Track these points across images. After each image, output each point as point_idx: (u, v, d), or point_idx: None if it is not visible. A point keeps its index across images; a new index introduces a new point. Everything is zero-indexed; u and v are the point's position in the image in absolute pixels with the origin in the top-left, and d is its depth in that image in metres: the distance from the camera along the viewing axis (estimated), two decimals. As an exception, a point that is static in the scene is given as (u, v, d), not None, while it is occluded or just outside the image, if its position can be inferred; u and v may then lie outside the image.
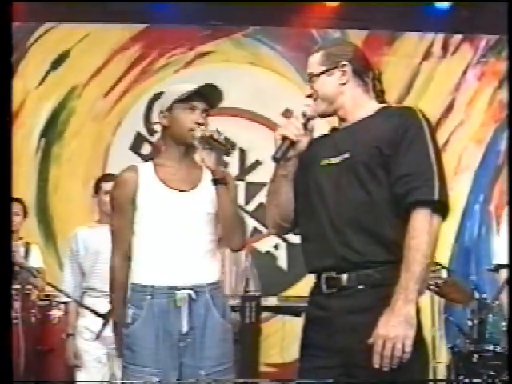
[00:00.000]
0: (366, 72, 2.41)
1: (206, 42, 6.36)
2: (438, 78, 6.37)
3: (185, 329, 2.57)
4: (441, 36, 6.40)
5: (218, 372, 2.59)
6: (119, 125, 6.31)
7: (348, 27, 6.23)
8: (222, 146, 2.63)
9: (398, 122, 2.26)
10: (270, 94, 6.10)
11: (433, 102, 6.30)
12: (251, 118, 6.21)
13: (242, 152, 6.25)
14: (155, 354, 2.57)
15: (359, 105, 2.37)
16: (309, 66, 2.41)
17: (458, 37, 6.39)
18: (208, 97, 2.70)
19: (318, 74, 2.36)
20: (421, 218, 2.17)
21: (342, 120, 2.41)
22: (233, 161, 6.20)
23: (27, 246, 5.01)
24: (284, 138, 2.33)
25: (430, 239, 2.17)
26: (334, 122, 2.46)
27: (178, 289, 2.59)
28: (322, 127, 2.51)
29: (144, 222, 2.66)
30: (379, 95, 2.44)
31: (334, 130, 2.46)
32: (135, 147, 6.27)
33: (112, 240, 2.75)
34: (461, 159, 6.25)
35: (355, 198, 2.25)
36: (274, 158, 2.33)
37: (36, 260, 4.94)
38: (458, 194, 6.13)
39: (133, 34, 6.36)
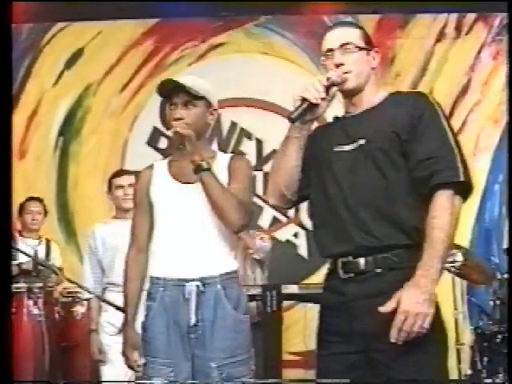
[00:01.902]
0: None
1: (217, 33, 6.37)
2: (453, 59, 6.32)
3: (192, 321, 2.58)
4: (454, 16, 6.34)
5: (230, 364, 2.57)
6: (135, 120, 6.36)
7: (360, 12, 6.20)
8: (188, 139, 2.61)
9: (413, 107, 2.26)
10: (284, 82, 6.08)
11: (448, 83, 6.27)
12: (266, 108, 6.21)
13: (259, 142, 6.26)
14: (166, 345, 2.59)
15: (374, 92, 2.38)
16: (346, 37, 2.35)
17: (471, 16, 6.33)
18: (184, 88, 2.64)
19: (361, 48, 2.34)
20: (445, 199, 2.18)
21: (351, 104, 2.39)
22: (250, 151, 6.23)
23: (47, 243, 5.08)
24: (303, 100, 2.29)
25: (453, 220, 2.18)
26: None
27: (188, 281, 2.60)
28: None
29: (157, 216, 2.71)
30: None
31: (341, 118, 2.45)
32: (152, 142, 6.30)
33: (130, 233, 2.81)
34: (479, 139, 6.20)
35: (372, 183, 2.25)
36: (290, 118, 2.30)
37: (56, 258, 5.01)
38: (477, 174, 6.09)
39: (145, 30, 6.39)
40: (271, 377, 4.24)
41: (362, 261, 2.24)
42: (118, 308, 3.78)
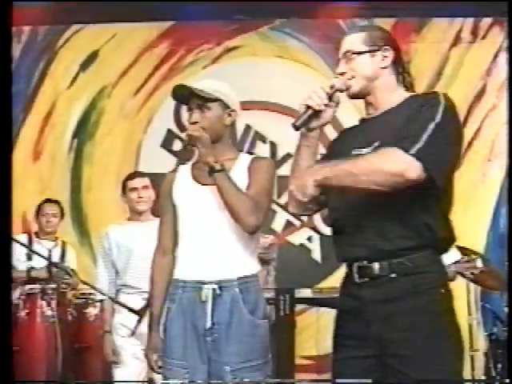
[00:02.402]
0: (399, 63, 2.40)
1: (232, 36, 6.37)
2: (469, 64, 6.28)
3: (208, 324, 2.58)
4: (470, 20, 6.31)
5: (245, 369, 2.56)
6: (150, 122, 6.36)
7: (375, 16, 6.18)
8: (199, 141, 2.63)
9: (418, 104, 2.26)
10: (299, 86, 6.07)
11: (464, 88, 6.23)
12: (281, 111, 6.19)
13: (273, 145, 6.25)
14: (183, 346, 2.59)
15: (390, 92, 2.36)
16: (347, 44, 2.37)
17: (487, 20, 6.30)
18: (195, 91, 2.67)
19: (360, 53, 2.34)
20: (390, 150, 2.16)
21: (369, 106, 2.39)
22: (264, 154, 6.22)
23: (63, 246, 5.09)
24: (307, 108, 2.30)
25: (379, 172, 2.14)
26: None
27: (205, 283, 2.60)
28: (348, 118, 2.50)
29: (180, 218, 2.72)
30: (408, 88, 2.41)
31: (363, 120, 2.45)
32: (166, 144, 6.30)
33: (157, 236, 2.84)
34: (494, 145, 6.17)
35: None
36: (294, 126, 2.30)
37: (71, 260, 5.02)
38: (493, 180, 6.07)
39: (160, 32, 6.40)
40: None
41: (376, 265, 2.24)
42: (131, 310, 3.79)
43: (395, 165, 2.15)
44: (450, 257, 4.33)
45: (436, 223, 2.24)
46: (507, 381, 4.08)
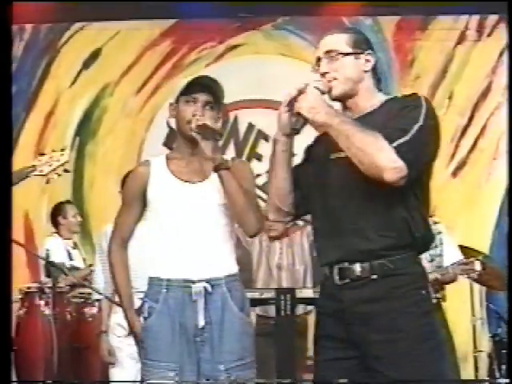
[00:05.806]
0: (377, 69, 2.39)
1: (235, 34, 6.36)
2: (474, 62, 6.26)
3: (201, 323, 2.53)
4: (475, 18, 6.27)
5: (238, 367, 2.53)
6: (152, 121, 6.34)
7: (379, 13, 6.14)
8: (213, 133, 2.58)
9: (400, 105, 2.26)
10: (302, 84, 6.02)
11: (469, 86, 6.21)
12: (284, 110, 6.16)
13: (276, 143, 6.21)
14: (171, 348, 2.53)
15: (369, 96, 2.35)
16: (331, 44, 2.35)
17: (493, 18, 6.25)
18: (210, 89, 2.64)
19: (346, 54, 2.32)
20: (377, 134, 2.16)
21: (347, 109, 2.37)
22: (266, 153, 6.16)
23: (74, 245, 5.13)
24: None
25: (368, 155, 2.14)
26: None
27: (194, 282, 2.55)
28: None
29: (156, 215, 2.64)
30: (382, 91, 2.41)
31: None
32: (169, 143, 6.26)
33: (113, 227, 2.77)
34: (499, 143, 6.12)
35: (365, 187, 2.23)
36: (295, 130, 2.34)
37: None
38: (497, 179, 6.02)
39: (163, 30, 6.39)
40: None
41: (357, 267, 2.25)
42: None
43: (382, 160, 2.14)
44: (450, 258, 4.29)
45: (413, 222, 2.24)
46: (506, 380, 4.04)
